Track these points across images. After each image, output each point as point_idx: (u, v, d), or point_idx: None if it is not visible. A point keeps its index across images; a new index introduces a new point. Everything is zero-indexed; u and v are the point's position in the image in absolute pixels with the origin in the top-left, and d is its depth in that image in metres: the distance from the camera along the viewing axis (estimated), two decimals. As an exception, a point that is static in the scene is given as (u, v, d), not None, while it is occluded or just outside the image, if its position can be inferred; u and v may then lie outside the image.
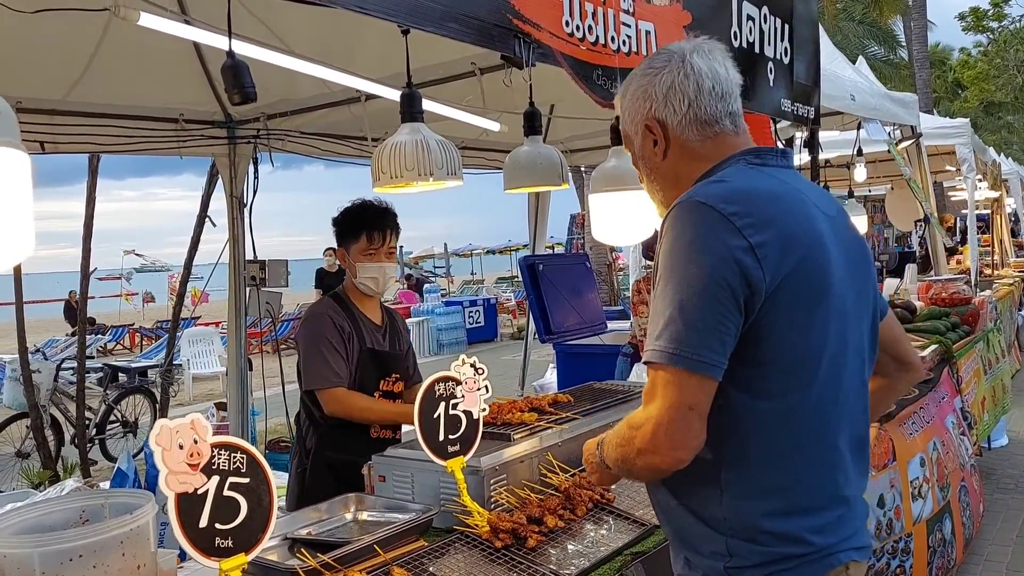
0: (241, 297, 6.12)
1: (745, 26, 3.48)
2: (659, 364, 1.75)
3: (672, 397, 1.73)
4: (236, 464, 1.96)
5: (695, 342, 1.71)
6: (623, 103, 2.08)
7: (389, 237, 3.72)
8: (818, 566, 1.84)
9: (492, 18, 2.20)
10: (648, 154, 2.03)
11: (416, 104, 2.26)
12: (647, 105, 1.99)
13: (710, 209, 1.76)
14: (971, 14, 37.97)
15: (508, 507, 2.64)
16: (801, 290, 1.78)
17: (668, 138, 1.98)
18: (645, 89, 1.99)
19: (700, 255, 1.74)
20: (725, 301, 1.72)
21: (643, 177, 2.10)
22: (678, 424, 1.73)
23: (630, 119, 2.05)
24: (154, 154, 5.32)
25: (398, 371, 3.82)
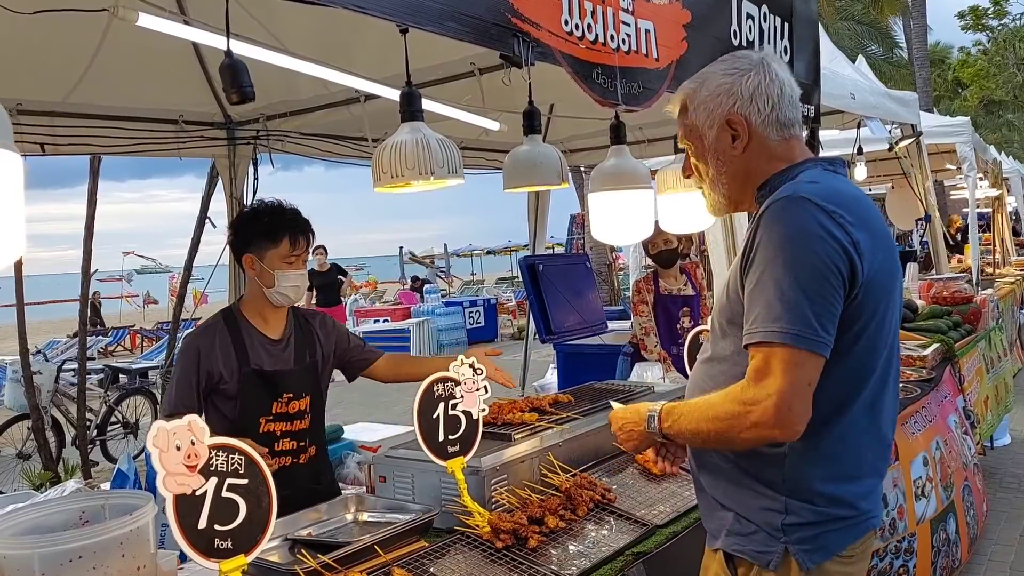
0: (237, 297, 6.10)
1: (745, 24, 3.48)
2: (779, 344, 1.88)
3: (794, 375, 1.87)
4: (234, 465, 1.95)
5: (814, 323, 1.87)
6: (697, 99, 2.17)
7: (310, 242, 3.40)
8: (858, 529, 2.07)
9: (491, 17, 2.20)
10: (724, 148, 2.15)
11: (416, 103, 2.25)
12: (731, 102, 2.11)
13: (816, 205, 1.91)
14: (971, 13, 37.98)
15: (509, 507, 2.63)
16: (882, 287, 1.98)
17: (750, 134, 2.12)
18: (729, 87, 2.12)
19: (815, 243, 1.89)
20: (837, 287, 1.89)
21: (709, 171, 2.20)
22: (800, 400, 1.88)
23: (706, 113, 2.15)
24: (154, 155, 5.32)
25: (295, 389, 3.39)
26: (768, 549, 2.04)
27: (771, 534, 2.04)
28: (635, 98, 2.75)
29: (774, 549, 2.04)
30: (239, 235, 3.34)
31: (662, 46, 2.90)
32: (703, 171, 2.23)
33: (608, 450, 3.23)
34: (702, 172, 2.23)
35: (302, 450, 3.43)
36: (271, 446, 3.29)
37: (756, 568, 2.07)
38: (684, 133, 2.24)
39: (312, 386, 3.48)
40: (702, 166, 2.22)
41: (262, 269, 3.27)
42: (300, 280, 3.33)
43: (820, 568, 2.03)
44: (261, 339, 3.36)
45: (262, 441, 3.24)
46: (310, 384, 3.46)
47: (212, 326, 3.36)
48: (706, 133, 2.17)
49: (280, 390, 3.34)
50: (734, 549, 2.12)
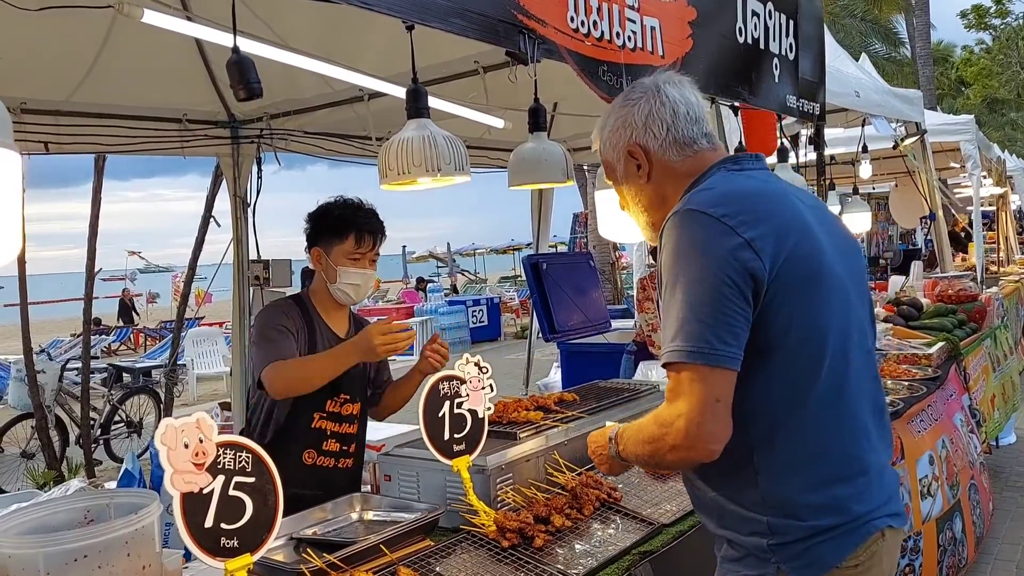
0: (245, 297, 6.11)
1: (750, 22, 3.46)
2: (680, 363, 1.84)
3: (699, 393, 1.82)
4: (242, 463, 1.95)
5: (710, 337, 1.81)
6: (603, 136, 2.22)
7: (378, 242, 3.34)
8: (856, 535, 1.95)
9: (497, 14, 2.19)
10: (632, 177, 2.17)
11: (422, 100, 2.24)
12: (628, 133, 2.14)
13: (702, 214, 1.89)
14: (973, 11, 37.95)
15: (514, 506, 2.63)
16: (799, 273, 1.90)
17: (651, 161, 2.13)
18: (624, 119, 2.15)
19: (701, 257, 1.85)
20: (732, 296, 1.82)
21: (628, 202, 2.24)
22: (708, 418, 1.83)
23: (611, 148, 2.20)
24: (158, 154, 5.32)
25: (351, 392, 3.36)
26: (760, 572, 1.98)
27: (760, 556, 1.97)
28: (641, 95, 2.74)
29: (766, 571, 1.97)
30: (312, 227, 3.34)
31: (668, 43, 2.90)
32: (623, 204, 2.29)
33: (614, 449, 3.22)
34: (623, 205, 2.29)
35: (344, 455, 3.40)
36: (319, 445, 3.30)
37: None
38: (604, 170, 2.29)
39: (362, 394, 3.45)
40: (622, 200, 2.28)
41: (327, 264, 3.28)
42: (362, 279, 3.31)
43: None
44: (326, 333, 3.36)
45: (311, 437, 3.30)
46: (359, 391, 3.43)
47: (288, 305, 3.35)
48: (616, 167, 2.21)
49: (338, 389, 3.30)
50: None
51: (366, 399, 3.48)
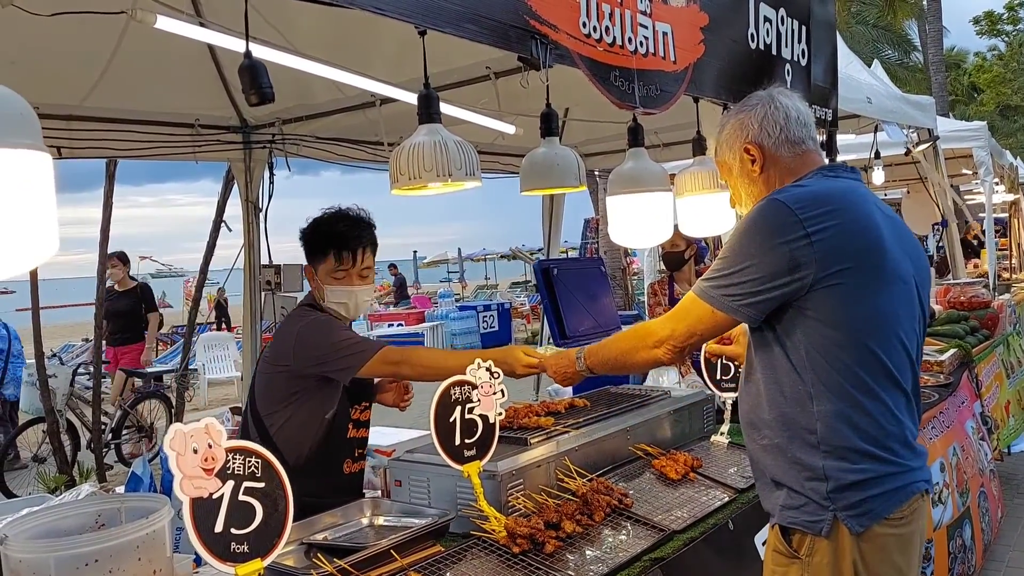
0: (256, 302, 6.13)
1: (763, 28, 3.45)
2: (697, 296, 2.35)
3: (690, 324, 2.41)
4: (251, 469, 1.95)
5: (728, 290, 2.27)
6: (719, 139, 2.55)
7: (362, 256, 3.22)
8: (903, 492, 2.22)
9: (509, 19, 2.19)
10: (747, 171, 2.49)
11: (434, 105, 2.24)
12: (744, 135, 2.46)
13: (782, 204, 2.22)
14: (985, 18, 37.83)
15: (525, 512, 2.62)
16: (863, 263, 2.21)
17: (764, 156, 2.45)
18: (740, 123, 2.48)
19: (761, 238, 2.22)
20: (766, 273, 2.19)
21: (741, 194, 2.56)
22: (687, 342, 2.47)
23: (728, 149, 2.52)
24: (170, 159, 5.33)
25: (368, 398, 3.45)
26: (818, 518, 2.19)
27: (819, 503, 2.19)
28: (653, 100, 2.74)
29: (824, 517, 2.18)
30: (304, 247, 3.29)
31: (680, 49, 2.89)
32: (735, 197, 2.60)
33: (624, 455, 3.21)
34: (735, 198, 2.61)
35: (363, 457, 3.49)
36: (353, 453, 3.39)
37: (809, 537, 2.22)
38: (720, 170, 2.62)
39: (371, 398, 3.50)
40: (734, 193, 2.60)
41: (317, 283, 3.24)
42: (349, 298, 3.23)
43: (869, 531, 2.16)
44: None
45: (349, 448, 3.38)
46: (371, 395, 3.49)
47: (327, 319, 3.24)
48: (732, 165, 2.53)
49: (361, 396, 3.37)
50: (788, 522, 2.26)
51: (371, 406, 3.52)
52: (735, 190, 2.58)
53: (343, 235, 3.18)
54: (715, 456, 3.41)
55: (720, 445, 3.54)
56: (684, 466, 3.13)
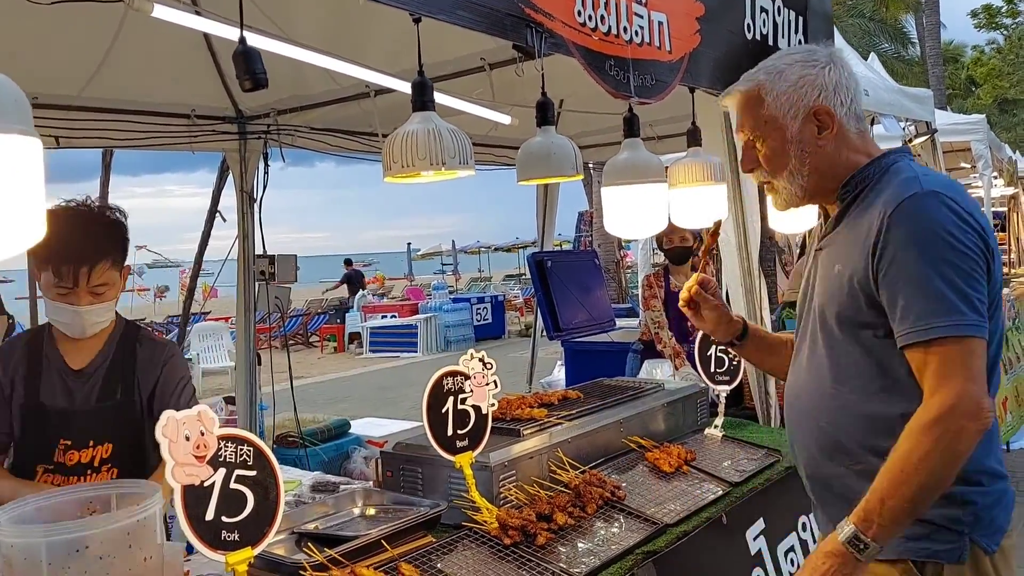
0: (250, 292, 6.11)
1: (759, 18, 3.45)
2: (953, 336, 1.87)
3: (974, 365, 1.88)
4: (243, 457, 1.94)
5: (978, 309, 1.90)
6: (777, 87, 2.15)
7: (87, 276, 2.63)
8: (1011, 498, 2.13)
9: (504, 7, 2.18)
10: (809, 139, 2.14)
11: (427, 93, 2.22)
12: (816, 93, 2.12)
13: (945, 197, 1.96)
14: (984, 11, 37.78)
15: (517, 504, 2.62)
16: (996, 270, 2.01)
17: (835, 126, 2.13)
18: (813, 79, 2.13)
19: (955, 235, 1.91)
20: (982, 270, 1.93)
21: (788, 163, 2.17)
22: (982, 387, 1.89)
23: (788, 103, 2.13)
24: (166, 149, 5.33)
25: (74, 435, 2.75)
26: (954, 545, 2.00)
27: (952, 529, 2.01)
28: (648, 90, 2.73)
29: (960, 544, 2.00)
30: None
31: (675, 39, 2.88)
32: (778, 164, 2.19)
33: (617, 447, 3.21)
34: (776, 165, 2.20)
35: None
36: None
37: (946, 566, 2.01)
38: (755, 125, 2.20)
39: (105, 434, 2.79)
40: (777, 159, 2.19)
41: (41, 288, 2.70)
42: (72, 318, 2.67)
43: (1000, 548, 2.06)
44: (59, 367, 2.78)
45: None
46: (107, 432, 2.78)
47: (11, 347, 2.87)
48: (788, 124, 2.15)
49: (61, 432, 2.74)
50: (921, 555, 2.02)
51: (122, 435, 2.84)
52: (776, 156, 2.18)
53: (62, 248, 2.55)
54: (709, 449, 3.40)
55: (714, 438, 3.54)
56: (677, 459, 3.12)
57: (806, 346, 2.23)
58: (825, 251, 2.20)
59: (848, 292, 2.05)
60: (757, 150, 2.21)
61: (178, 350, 3.07)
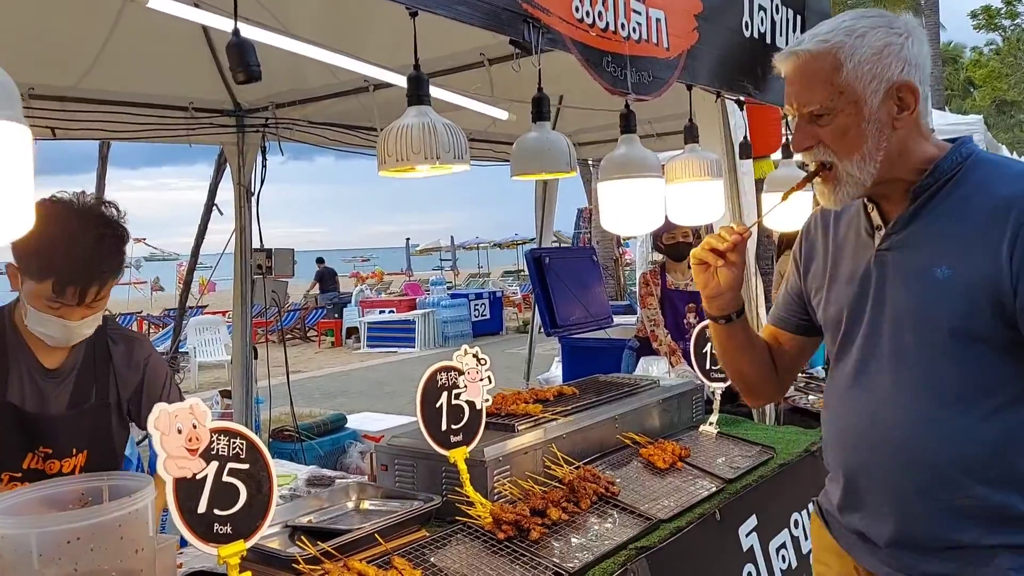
0: (247, 286, 6.11)
1: (757, 16, 3.44)
2: None
3: None
4: (235, 450, 1.94)
5: None
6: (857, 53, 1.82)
7: (95, 293, 2.43)
8: None
9: (501, 2, 2.17)
10: (887, 119, 1.84)
11: (423, 87, 2.22)
12: (901, 67, 1.82)
13: None
14: (983, 12, 37.77)
15: (511, 499, 2.62)
16: None
17: (915, 107, 1.86)
18: (899, 49, 1.82)
19: None
20: None
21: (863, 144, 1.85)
22: None
23: (868, 73, 1.81)
24: (164, 142, 5.32)
25: (57, 444, 2.56)
26: None
27: None
28: (645, 87, 2.73)
29: None
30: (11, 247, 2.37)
31: (673, 35, 2.88)
32: (850, 144, 1.86)
33: (612, 443, 3.21)
34: (847, 146, 1.86)
35: None
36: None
37: None
38: (828, 94, 1.85)
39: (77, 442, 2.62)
40: (850, 138, 1.85)
41: (21, 289, 2.46)
42: (62, 331, 2.46)
43: None
44: (29, 363, 2.56)
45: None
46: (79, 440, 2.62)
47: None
48: (868, 98, 1.82)
49: (36, 440, 2.54)
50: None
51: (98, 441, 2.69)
52: (849, 134, 1.85)
53: (69, 268, 2.36)
54: (703, 446, 3.41)
55: (709, 435, 3.54)
56: (672, 455, 3.13)
57: (883, 366, 1.92)
58: (898, 252, 1.90)
59: (967, 299, 1.77)
60: (822, 125, 1.87)
61: (152, 345, 2.92)
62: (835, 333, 2.06)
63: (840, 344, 2.04)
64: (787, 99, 1.93)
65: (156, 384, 2.75)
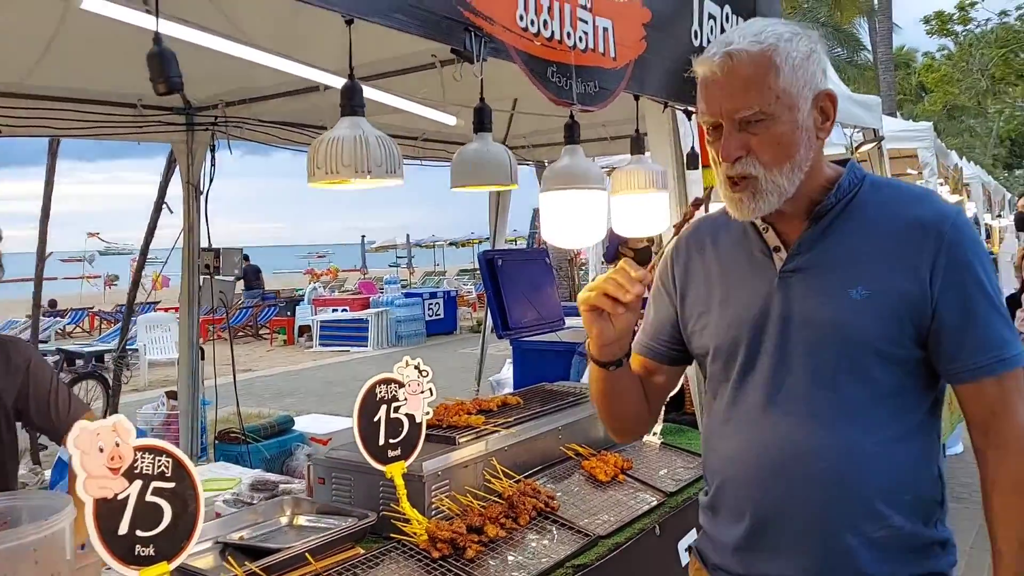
0: (194, 285, 6.01)
1: (707, 25, 3.41)
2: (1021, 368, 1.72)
3: None
4: (161, 468, 1.88)
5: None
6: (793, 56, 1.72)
7: None
8: None
9: (442, 9, 2.11)
10: (812, 128, 1.76)
11: (357, 97, 2.15)
12: (822, 75, 1.77)
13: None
14: (936, 18, 38.38)
15: (449, 515, 2.57)
16: None
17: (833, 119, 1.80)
18: (819, 58, 1.77)
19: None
20: None
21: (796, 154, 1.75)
22: None
23: (804, 80, 1.73)
24: (112, 139, 5.23)
25: None
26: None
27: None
28: (591, 98, 2.68)
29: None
30: None
31: (620, 45, 2.83)
32: (783, 153, 1.74)
33: (555, 455, 3.18)
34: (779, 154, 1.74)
35: None
36: None
37: None
38: (765, 98, 1.71)
39: None
40: (783, 147, 1.73)
41: None
42: None
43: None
44: None
45: None
46: None
47: None
48: (801, 105, 1.72)
49: None
50: None
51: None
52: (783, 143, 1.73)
53: None
54: (647, 457, 3.39)
55: (652, 446, 3.52)
56: (614, 468, 3.10)
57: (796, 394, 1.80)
58: (806, 274, 1.80)
59: (888, 319, 1.72)
60: (754, 133, 1.73)
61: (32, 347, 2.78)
62: (728, 361, 1.89)
63: (739, 372, 1.87)
64: (711, 105, 1.77)
65: (43, 385, 2.63)
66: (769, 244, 1.86)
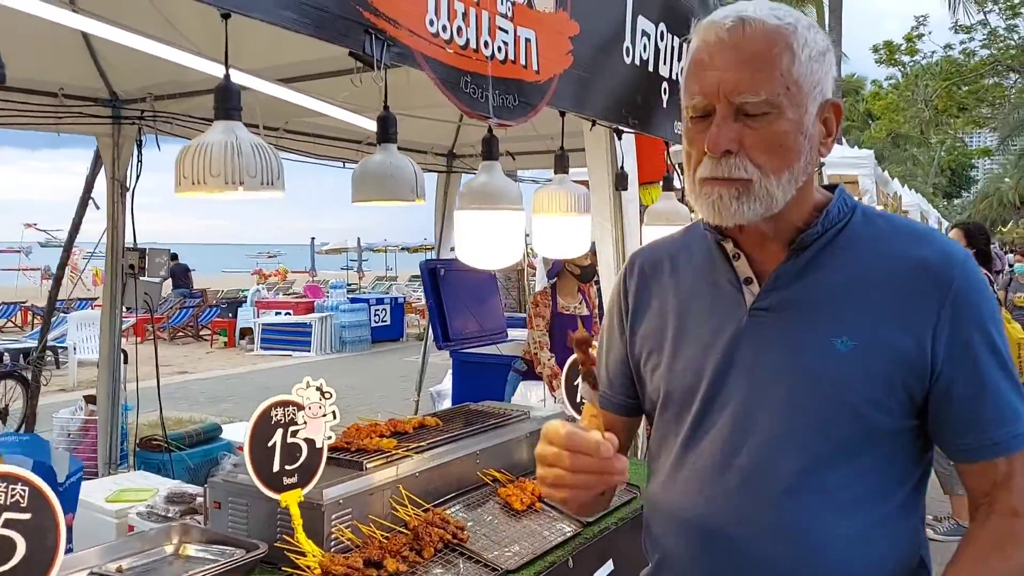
0: (117, 286, 5.79)
1: (640, 42, 3.30)
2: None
3: None
4: (15, 498, 1.72)
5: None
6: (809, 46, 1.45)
7: None
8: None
9: (338, 9, 1.95)
10: (815, 137, 1.49)
11: (232, 100, 1.98)
12: (831, 84, 1.49)
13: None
14: (885, 47, 39.05)
15: (349, 546, 2.42)
16: None
17: (837, 133, 1.55)
18: (831, 59, 1.49)
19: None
20: None
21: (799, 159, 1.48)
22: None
23: (817, 74, 1.46)
24: (30, 130, 4.99)
25: None
26: None
27: None
28: (509, 112, 2.55)
29: None
30: None
31: (544, 58, 2.71)
32: (784, 156, 1.45)
33: (471, 481, 3.04)
34: (780, 157, 1.45)
35: None
36: None
37: None
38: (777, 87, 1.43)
39: None
40: (785, 148, 1.45)
41: None
42: None
43: None
44: None
45: None
46: None
47: None
48: (809, 106, 1.45)
49: None
50: None
51: None
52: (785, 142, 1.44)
53: None
54: (567, 484, 3.25)
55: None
56: (531, 495, 2.97)
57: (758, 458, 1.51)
58: (782, 315, 1.52)
59: (876, 378, 1.45)
60: (752, 127, 1.44)
61: None
62: (680, 412, 1.61)
63: (691, 427, 1.58)
64: (705, 81, 1.46)
65: None
66: (740, 274, 1.58)
